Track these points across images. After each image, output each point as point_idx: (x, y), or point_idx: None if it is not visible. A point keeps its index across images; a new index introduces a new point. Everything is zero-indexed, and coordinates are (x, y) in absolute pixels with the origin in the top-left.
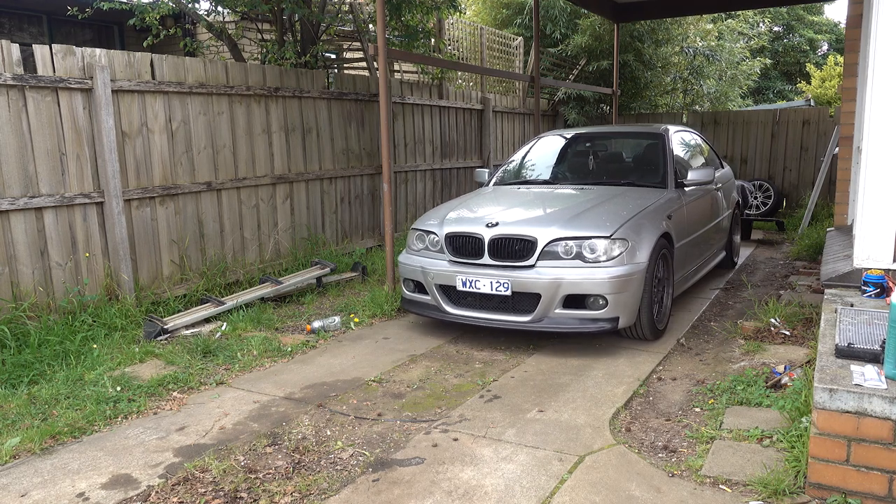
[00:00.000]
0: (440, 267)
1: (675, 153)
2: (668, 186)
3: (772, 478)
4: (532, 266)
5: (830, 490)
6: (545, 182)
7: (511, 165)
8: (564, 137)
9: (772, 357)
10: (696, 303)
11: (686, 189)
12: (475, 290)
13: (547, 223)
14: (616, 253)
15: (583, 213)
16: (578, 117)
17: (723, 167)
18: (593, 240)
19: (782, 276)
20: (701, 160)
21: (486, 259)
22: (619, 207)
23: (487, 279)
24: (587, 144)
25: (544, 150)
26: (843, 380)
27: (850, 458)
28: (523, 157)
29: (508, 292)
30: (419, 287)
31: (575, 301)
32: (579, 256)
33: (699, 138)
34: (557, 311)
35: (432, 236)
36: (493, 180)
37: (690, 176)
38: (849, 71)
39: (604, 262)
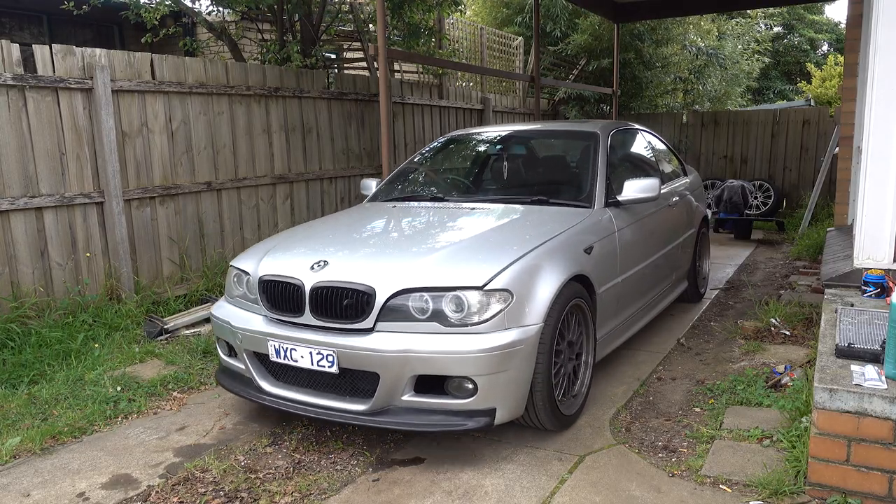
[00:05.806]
0: (252, 325)
1: (612, 160)
2: (593, 205)
3: (772, 478)
4: (369, 330)
5: (831, 490)
6: (434, 198)
7: (400, 174)
8: (476, 138)
9: (772, 357)
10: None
11: (623, 208)
12: (292, 362)
13: (398, 263)
14: (493, 311)
15: (453, 247)
16: (579, 116)
17: (686, 175)
18: (458, 291)
19: (782, 276)
20: (659, 167)
21: (308, 317)
22: (509, 238)
23: (306, 348)
24: (499, 148)
25: (448, 155)
26: (844, 380)
27: (851, 458)
28: (419, 164)
29: (334, 369)
30: (234, 351)
31: (431, 384)
32: (438, 316)
33: (655, 139)
34: (407, 397)
35: (248, 278)
36: (375, 194)
37: (627, 191)
38: (849, 71)
39: (474, 324)
